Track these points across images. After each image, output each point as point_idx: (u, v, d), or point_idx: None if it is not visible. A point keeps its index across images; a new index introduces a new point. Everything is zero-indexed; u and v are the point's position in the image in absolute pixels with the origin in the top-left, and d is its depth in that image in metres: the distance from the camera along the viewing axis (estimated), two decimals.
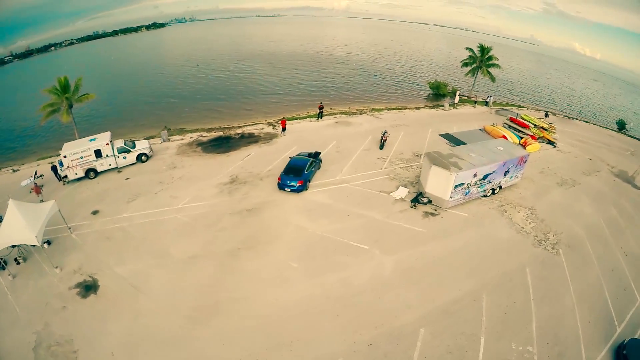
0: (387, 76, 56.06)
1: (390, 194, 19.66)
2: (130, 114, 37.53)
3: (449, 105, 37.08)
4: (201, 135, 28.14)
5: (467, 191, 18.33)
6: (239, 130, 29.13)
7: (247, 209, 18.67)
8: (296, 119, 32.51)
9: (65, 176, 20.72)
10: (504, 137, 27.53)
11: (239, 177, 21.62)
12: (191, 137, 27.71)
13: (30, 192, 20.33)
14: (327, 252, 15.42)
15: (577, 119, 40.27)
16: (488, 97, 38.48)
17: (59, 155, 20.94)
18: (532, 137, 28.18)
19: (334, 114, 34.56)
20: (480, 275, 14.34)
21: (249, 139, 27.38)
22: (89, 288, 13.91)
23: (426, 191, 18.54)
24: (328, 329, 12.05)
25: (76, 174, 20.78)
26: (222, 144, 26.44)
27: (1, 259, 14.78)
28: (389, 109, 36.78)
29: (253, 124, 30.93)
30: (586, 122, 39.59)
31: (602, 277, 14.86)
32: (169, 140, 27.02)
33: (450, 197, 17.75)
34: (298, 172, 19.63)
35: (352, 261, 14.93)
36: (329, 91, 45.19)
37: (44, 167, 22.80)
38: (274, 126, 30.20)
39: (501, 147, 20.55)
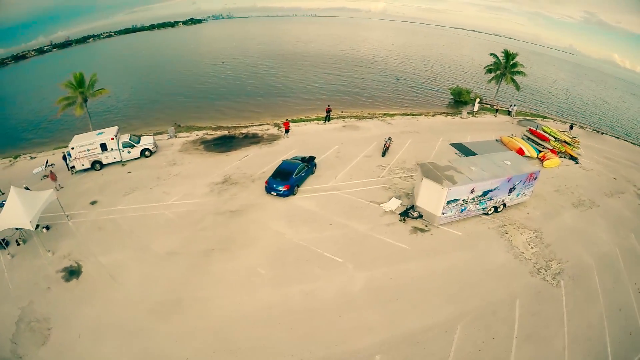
0: (410, 81, 53.87)
1: (381, 205, 18.47)
2: (146, 109, 39.07)
3: (468, 113, 34.65)
4: (207, 134, 28.42)
5: (463, 208, 16.70)
6: (244, 130, 29.09)
7: (232, 210, 18.39)
8: (303, 121, 31.95)
9: (73, 166, 21.62)
10: (521, 149, 25.15)
11: (232, 177, 21.44)
12: (197, 135, 28.07)
13: (42, 180, 21.59)
14: (298, 262, 14.73)
15: (606, 134, 36.02)
16: (511, 106, 35.48)
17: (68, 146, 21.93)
18: (552, 151, 25.45)
19: (344, 117, 33.58)
20: (461, 303, 12.88)
21: (252, 140, 27.23)
22: (72, 273, 14.62)
23: (417, 205, 17.15)
24: (279, 341, 11.49)
25: (82, 165, 21.66)
26: (225, 143, 26.49)
27: (4, 239, 15.94)
28: (402, 115, 35.11)
29: (260, 124, 30.80)
30: (616, 137, 35.28)
31: (605, 316, 12.79)
32: (175, 136, 27.55)
33: (443, 214, 16.25)
34: (286, 177, 19.05)
35: (321, 273, 14.10)
36: (344, 94, 44.15)
37: (58, 156, 24.01)
38: (279, 127, 29.83)
39: (508, 161, 18.58)
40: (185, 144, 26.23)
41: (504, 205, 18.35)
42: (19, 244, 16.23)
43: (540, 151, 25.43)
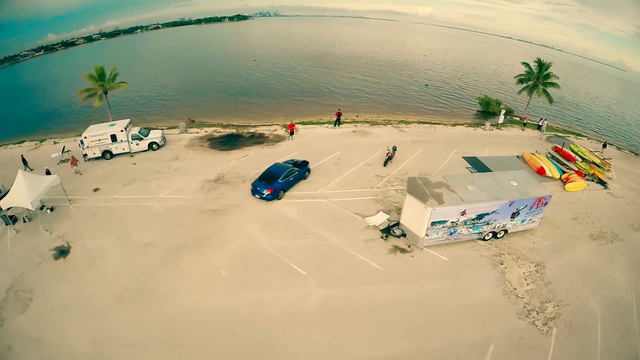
0: (439, 88, 50.55)
1: (366, 218, 17.09)
2: (168, 102, 40.70)
3: (492, 125, 31.49)
4: (216, 131, 28.71)
5: (452, 231, 14.84)
6: (252, 130, 28.95)
7: (214, 209, 18.20)
8: (313, 123, 31.09)
9: (86, 154, 22.76)
10: (542, 169, 22.18)
11: (225, 176, 21.29)
12: (206, 132, 28.45)
13: (59, 164, 22.97)
14: (261, 268, 14.11)
15: None
16: (541, 120, 31.57)
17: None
18: (578, 172, 22.05)
19: (357, 122, 32.19)
20: (422, 339, 11.30)
21: (257, 139, 26.98)
22: (62, 252, 15.59)
23: (401, 223, 15.57)
24: (217, 345, 11.19)
25: (94, 153, 22.81)
26: (230, 142, 26.53)
27: (13, 216, 17.30)
28: (419, 122, 32.89)
29: (269, 125, 30.51)
30: None
31: None
32: (186, 131, 28.13)
33: (426, 235, 14.54)
34: (271, 180, 18.41)
35: (280, 284, 13.34)
36: (363, 98, 42.55)
37: (77, 143, 25.54)
38: (286, 129, 29.22)
39: (515, 181, 16.22)
40: (192, 140, 26.67)
41: (505, 231, 16.08)
42: (25, 222, 17.63)
43: (564, 172, 22.19)
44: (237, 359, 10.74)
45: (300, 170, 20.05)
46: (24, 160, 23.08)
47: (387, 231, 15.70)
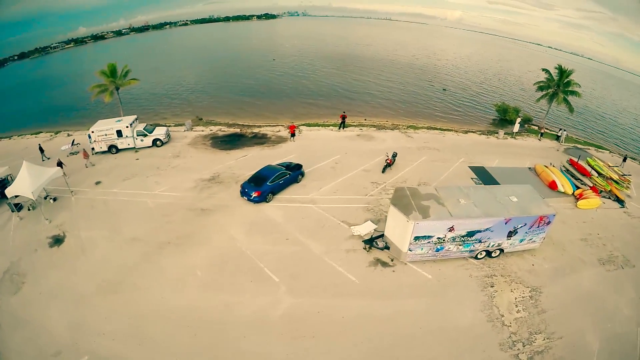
0: (457, 93, 48.21)
1: (352, 227, 16.23)
2: (180, 99, 41.42)
3: (506, 134, 29.42)
4: (220, 130, 28.79)
5: (439, 247, 13.72)
6: (256, 130, 28.77)
7: (203, 208, 18.11)
8: (318, 125, 30.43)
9: (93, 148, 23.44)
10: (554, 183, 20.32)
11: (220, 176, 21.16)
12: (211, 130, 28.59)
13: (68, 156, 23.81)
14: (236, 271, 13.87)
15: None
16: (560, 130, 29.02)
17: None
18: (593, 188, 19.94)
19: (364, 125, 31.19)
20: None
21: (258, 140, 26.75)
22: (57, 241, 16.15)
23: (385, 235, 14.60)
24: (179, 343, 11.19)
25: (101, 147, 23.46)
26: (232, 141, 26.48)
27: (18, 204, 18.03)
28: (429, 128, 31.36)
29: (273, 125, 30.21)
30: None
31: None
32: (192, 129, 28.37)
33: (410, 250, 13.51)
34: (260, 182, 18.03)
35: (251, 288, 13.01)
36: (375, 101, 41.33)
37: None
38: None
39: (516, 197, 14.79)
40: (196, 138, 26.86)
41: (501, 250, 14.70)
42: (29, 210, 18.39)
43: (577, 187, 20.17)
44: (192, 359, 10.60)
45: (292, 173, 19.53)
46: (41, 149, 24.19)
47: (370, 242, 14.80)
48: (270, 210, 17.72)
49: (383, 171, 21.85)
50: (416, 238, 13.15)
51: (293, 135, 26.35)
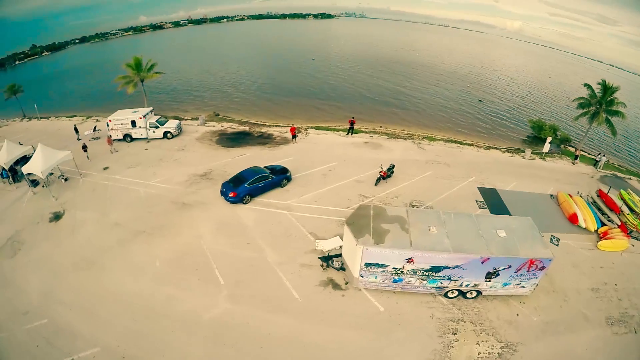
0: (494, 105, 43.00)
1: (317, 240, 14.80)
2: (204, 93, 42.36)
3: (533, 153, 25.21)
4: (230, 127, 28.88)
5: (397, 278, 11.78)
6: (264, 130, 28.36)
7: (185, 202, 18.12)
8: (327, 129, 29.02)
9: (110, 135, 24.86)
10: (574, 216, 16.78)
11: (212, 173, 21.08)
12: (222, 127, 28.80)
13: (90, 141, 25.50)
14: (191, 267, 13.76)
15: None
16: (599, 154, 23.94)
17: None
18: (622, 227, 15.91)
19: (376, 132, 29.10)
20: None
21: (262, 140, 26.28)
22: (57, 217, 17.36)
23: (343, 255, 12.98)
24: (110, 326, 11.51)
25: (117, 135, 24.73)
26: (237, 139, 26.37)
27: (35, 180, 19.67)
28: (447, 141, 28.19)
29: (283, 126, 29.51)
30: None
31: None
32: (205, 124, 28.84)
33: (361, 276, 11.78)
34: (238, 184, 17.50)
35: (196, 286, 12.85)
36: (399, 109, 38.51)
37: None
38: (299, 131, 27.84)
39: (504, 232, 12.18)
40: (205, 133, 27.22)
41: (478, 292, 12.21)
42: (43, 187, 19.93)
43: (603, 224, 16.30)
44: (118, 341, 10.93)
45: (275, 177, 18.64)
46: (76, 130, 26.38)
47: (326, 260, 13.30)
48: (244, 213, 17.04)
49: (376, 184, 19.90)
50: (367, 264, 11.40)
51: (294, 136, 25.40)
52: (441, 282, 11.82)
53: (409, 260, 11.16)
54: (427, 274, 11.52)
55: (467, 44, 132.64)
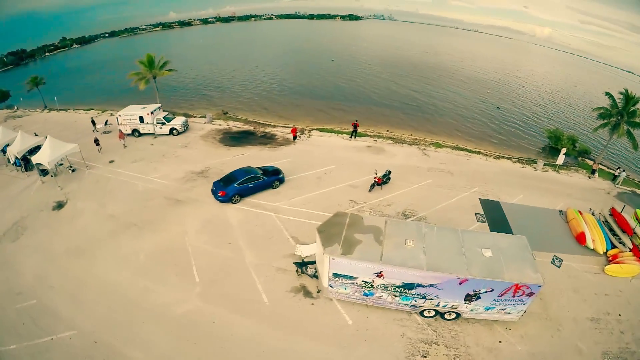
0: (511, 113, 40.28)
1: (297, 245, 14.32)
2: (216, 92, 42.71)
3: (546, 165, 23.23)
4: (236, 125, 29.00)
5: (367, 292, 11.07)
6: (268, 130, 28.22)
7: (178, 199, 18.31)
8: (330, 131, 28.39)
9: (120, 129, 25.63)
10: (582, 235, 15.22)
11: (209, 171, 21.19)
12: (227, 125, 28.97)
13: (101, 134, 26.32)
14: (171, 262, 14.00)
15: None
16: (618, 169, 21.49)
17: None
18: (634, 250, 14.11)
19: (381, 137, 28.11)
20: None
21: (265, 140, 26.15)
22: (59, 206, 18.11)
23: (317, 263, 12.41)
24: (89, 311, 11.99)
25: (125, 130, 25.45)
26: (240, 138, 26.40)
27: (46, 169, 20.30)
28: (455, 148, 26.69)
29: (286, 126, 29.16)
30: None
31: None
32: (212, 122, 29.13)
33: (330, 286, 11.18)
34: (227, 183, 17.43)
35: (172, 281, 13.04)
36: (408, 113, 37.11)
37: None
38: (302, 132, 27.45)
39: (491, 252, 11.11)
40: (210, 131, 27.48)
41: (457, 315, 11.23)
42: (52, 176, 20.76)
43: (613, 246, 14.58)
44: (94, 326, 11.39)
45: (266, 178, 18.37)
46: (93, 122, 27.45)
47: (301, 266, 12.78)
48: (231, 212, 16.92)
49: (370, 190, 19.09)
50: (335, 275, 10.78)
51: (295, 137, 25.03)
52: (415, 300, 10.97)
53: (379, 275, 10.43)
54: (399, 290, 10.73)
55: (493, 50, 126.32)
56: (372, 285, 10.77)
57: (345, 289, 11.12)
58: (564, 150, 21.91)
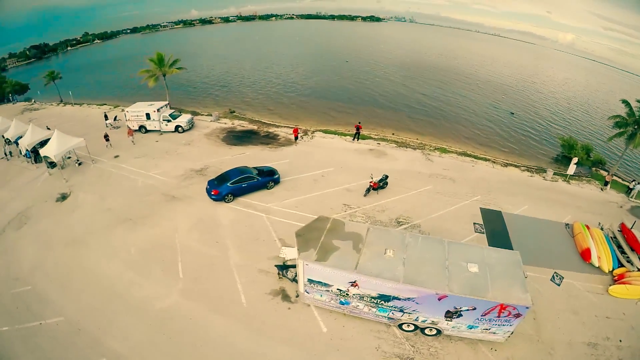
0: (524, 120, 38.04)
1: (283, 247, 14.08)
2: (226, 90, 43.11)
3: (555, 174, 21.84)
4: (240, 124, 29.13)
5: (343, 301, 10.68)
6: (271, 130, 28.15)
7: (174, 195, 18.58)
8: (333, 133, 27.95)
9: (128, 125, 26.29)
10: (587, 251, 14.16)
11: (208, 169, 21.37)
12: (232, 124, 29.14)
13: (110, 129, 26.97)
14: (158, 257, 14.29)
15: None
16: (633, 182, 19.79)
17: None
18: None
19: (385, 140, 27.41)
20: None
21: (267, 140, 26.11)
22: (63, 197, 18.84)
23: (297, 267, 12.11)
24: (75, 297, 12.50)
25: (133, 126, 26.07)
26: (243, 137, 26.49)
27: (52, 162, 21.02)
28: (460, 154, 25.61)
29: (290, 127, 28.93)
30: None
31: None
32: (218, 120, 29.38)
33: (306, 292, 10.86)
34: (221, 182, 17.48)
35: (157, 276, 13.32)
36: (415, 116, 36.05)
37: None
38: (305, 133, 27.20)
39: (477, 267, 10.44)
40: (214, 130, 27.72)
41: (438, 331, 10.63)
42: (59, 168, 21.59)
43: (620, 265, 13.43)
44: (79, 314, 11.82)
45: (260, 179, 18.29)
46: (106, 117, 28.37)
47: (282, 269, 12.53)
48: (223, 211, 16.95)
49: (365, 194, 18.58)
50: (310, 281, 10.46)
51: (296, 138, 24.82)
52: (392, 313, 10.47)
53: (353, 284, 10.01)
54: (375, 301, 10.26)
55: (514, 54, 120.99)
56: (347, 294, 10.37)
57: (321, 295, 10.78)
58: (575, 160, 20.50)
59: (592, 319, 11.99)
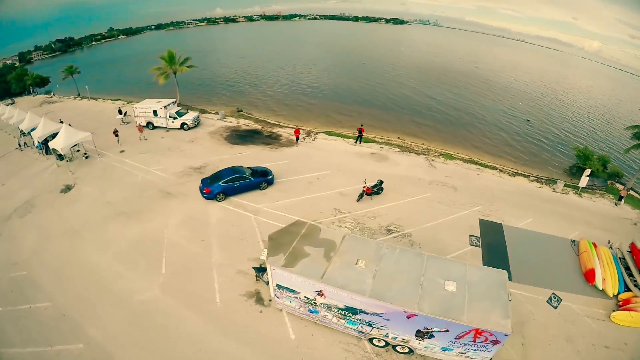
0: (540, 129, 35.77)
1: (264, 249, 13.83)
2: (236, 89, 43.56)
3: (566, 186, 20.28)
4: (245, 124, 29.32)
5: (312, 309, 10.36)
6: (275, 130, 28.14)
7: (170, 192, 18.91)
8: (336, 135, 27.50)
9: (140, 123, 27.09)
10: (592, 272, 13.03)
11: (207, 167, 21.62)
12: (237, 123, 29.37)
13: (120, 124, 27.92)
14: (145, 251, 14.59)
15: None
16: None
17: None
18: None
19: (389, 144, 26.65)
20: None
21: (269, 140, 26.12)
22: (67, 189, 19.69)
23: None
24: (68, 287, 12.86)
25: (140, 122, 26.77)
26: (245, 137, 26.63)
27: (62, 154, 21.91)
28: (465, 161, 24.42)
29: (294, 127, 28.72)
30: None
31: None
32: (224, 119, 29.70)
33: (276, 297, 10.61)
34: (214, 181, 17.59)
35: (142, 269, 13.67)
36: (424, 120, 34.83)
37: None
38: (307, 135, 26.96)
39: (454, 286, 9.73)
40: (219, 128, 28.05)
41: (411, 350, 10.03)
42: (68, 160, 22.56)
43: (627, 288, 12.18)
44: (66, 301, 12.23)
45: (253, 179, 18.27)
46: (120, 111, 29.41)
47: (258, 272, 12.34)
48: (214, 210, 17.07)
49: (358, 199, 18.06)
50: (279, 286, 10.20)
51: (297, 139, 24.63)
52: (362, 327, 9.99)
53: (320, 293, 9.62)
54: (343, 313, 9.83)
55: (538, 61, 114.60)
56: (315, 303, 10.00)
57: (290, 302, 10.51)
58: (587, 171, 18.95)
59: (588, 347, 10.93)
